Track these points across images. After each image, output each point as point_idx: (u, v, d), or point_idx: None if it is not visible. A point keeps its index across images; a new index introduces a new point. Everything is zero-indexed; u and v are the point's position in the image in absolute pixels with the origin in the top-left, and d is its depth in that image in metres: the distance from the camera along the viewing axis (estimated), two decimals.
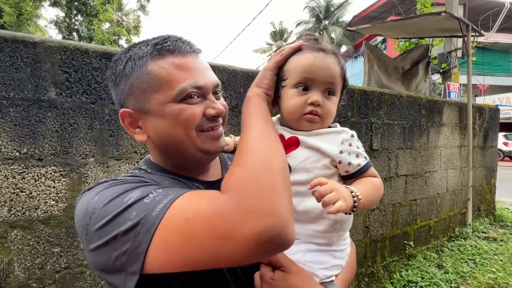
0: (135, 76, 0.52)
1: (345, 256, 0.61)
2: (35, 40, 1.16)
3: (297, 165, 0.57)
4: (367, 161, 0.59)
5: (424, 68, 4.04)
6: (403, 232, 2.74)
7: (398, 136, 2.64)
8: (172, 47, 0.52)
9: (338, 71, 0.58)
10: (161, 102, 0.51)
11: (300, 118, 0.58)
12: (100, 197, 0.45)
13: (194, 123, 0.52)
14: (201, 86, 0.52)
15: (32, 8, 10.49)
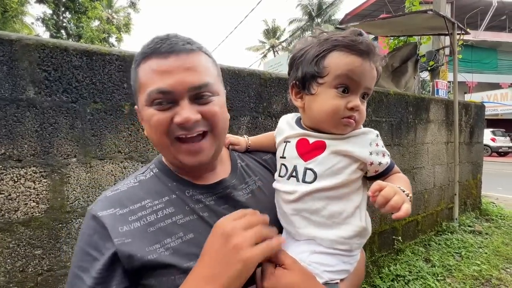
0: (132, 79, 0.57)
1: (354, 262, 0.57)
2: (11, 37, 1.13)
3: (324, 171, 0.54)
4: (391, 159, 0.58)
5: (413, 66, 4.10)
6: (392, 227, 2.79)
7: (386, 133, 2.67)
8: (151, 50, 0.52)
9: (376, 74, 0.55)
10: (141, 105, 0.54)
11: (337, 122, 0.54)
12: (76, 248, 0.53)
13: (162, 130, 0.52)
14: (167, 91, 0.50)
15: (17, 4, 10.21)
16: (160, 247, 0.50)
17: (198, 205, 0.56)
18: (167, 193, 0.56)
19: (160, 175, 0.59)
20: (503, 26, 16.22)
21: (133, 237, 0.50)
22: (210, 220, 0.55)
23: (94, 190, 1.31)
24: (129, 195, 0.55)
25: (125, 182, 0.59)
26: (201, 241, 0.50)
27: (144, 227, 0.52)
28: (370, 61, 0.52)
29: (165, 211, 0.54)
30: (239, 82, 1.74)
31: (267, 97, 1.86)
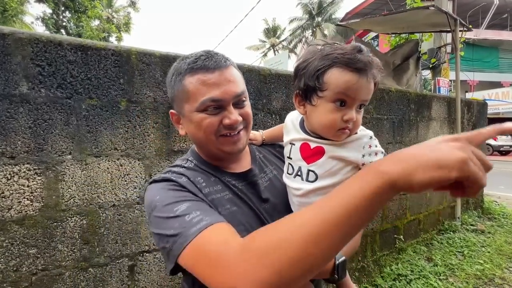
0: (176, 88, 0.66)
1: None
2: (3, 31, 1.10)
3: (323, 173, 0.63)
4: (384, 155, 0.63)
5: (415, 63, 4.07)
6: (393, 226, 2.76)
7: (387, 131, 2.64)
8: (199, 66, 0.63)
9: (373, 88, 0.59)
10: (189, 110, 0.65)
11: (333, 132, 0.61)
12: (161, 198, 0.59)
13: (212, 130, 0.64)
14: (218, 99, 0.62)
15: (17, 4, 10.18)
16: (221, 210, 0.62)
17: (234, 188, 0.69)
18: (212, 176, 0.69)
19: (199, 165, 0.71)
20: (505, 24, 16.12)
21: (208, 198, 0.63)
22: (248, 199, 0.68)
23: (89, 188, 1.29)
24: (187, 172, 0.67)
25: (170, 170, 0.69)
26: (241, 214, 0.65)
27: (205, 196, 0.63)
28: (367, 76, 0.57)
29: (215, 187, 0.67)
30: None
31: (266, 93, 1.82)
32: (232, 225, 0.57)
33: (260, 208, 0.68)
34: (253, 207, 0.67)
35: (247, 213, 0.66)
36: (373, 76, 0.58)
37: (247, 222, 0.64)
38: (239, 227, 0.59)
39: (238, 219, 0.63)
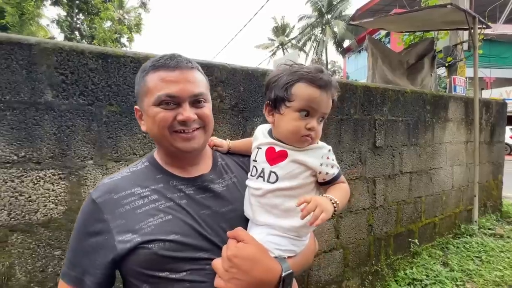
0: (140, 84, 0.71)
1: (301, 246, 0.72)
2: (30, 41, 1.14)
3: (284, 175, 0.69)
4: (339, 170, 0.72)
5: (430, 62, 3.96)
6: (408, 229, 2.71)
7: (402, 133, 2.59)
8: (161, 64, 0.67)
9: (331, 103, 0.69)
10: (147, 105, 0.68)
11: (298, 139, 0.68)
12: (73, 238, 0.70)
13: (165, 125, 0.66)
14: (174, 95, 0.66)
15: (33, 7, 10.50)
16: (144, 224, 0.64)
17: (179, 193, 0.70)
18: (153, 183, 0.70)
19: (149, 168, 0.74)
20: None
21: (126, 218, 0.65)
22: (186, 206, 0.69)
23: None
24: (122, 183, 0.70)
25: (120, 172, 0.74)
26: (176, 222, 0.66)
27: (132, 210, 0.66)
28: (327, 93, 0.67)
29: (150, 198, 0.68)
30: (253, 83, 1.71)
31: None
32: (163, 233, 0.64)
33: (200, 215, 0.68)
34: (192, 214, 0.68)
35: (183, 220, 0.67)
36: (331, 93, 0.68)
37: (180, 230, 0.65)
38: (171, 235, 0.64)
39: (169, 227, 0.65)
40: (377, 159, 2.41)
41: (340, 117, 2.14)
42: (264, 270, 0.62)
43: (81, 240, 0.66)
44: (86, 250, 0.65)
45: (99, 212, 0.65)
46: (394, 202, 2.57)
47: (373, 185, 2.40)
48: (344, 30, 24.09)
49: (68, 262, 0.68)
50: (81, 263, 0.65)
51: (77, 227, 0.68)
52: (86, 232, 0.66)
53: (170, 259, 0.63)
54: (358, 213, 2.30)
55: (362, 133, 2.29)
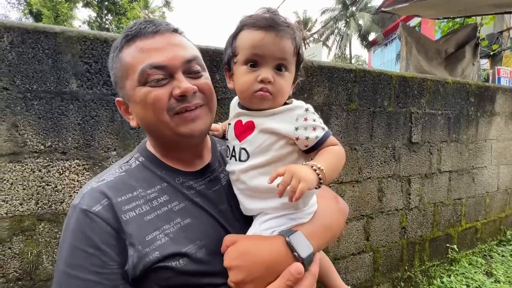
0: (114, 67, 0.56)
1: (306, 215, 0.59)
2: (55, 30, 1.13)
3: (254, 150, 0.57)
4: (325, 131, 0.57)
5: (472, 51, 3.59)
6: (445, 234, 2.47)
7: (441, 128, 2.35)
8: (135, 32, 0.53)
9: (289, 46, 0.55)
10: (132, 87, 0.53)
11: (251, 96, 0.56)
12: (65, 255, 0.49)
13: (162, 106, 0.52)
14: (162, 65, 0.51)
15: (67, 9, 11.14)
16: (160, 233, 0.51)
17: (190, 191, 0.58)
18: (158, 182, 0.57)
19: (147, 164, 0.59)
20: None
21: (132, 228, 0.50)
22: (203, 204, 0.57)
23: None
24: (118, 184, 0.54)
25: (109, 172, 0.57)
26: (197, 226, 0.54)
27: (140, 216, 0.52)
28: (276, 34, 0.53)
29: (159, 200, 0.55)
30: None
31: (308, 87, 1.70)
32: (186, 242, 0.51)
33: (218, 212, 0.58)
34: (211, 213, 0.57)
35: (204, 223, 0.56)
36: (284, 33, 0.54)
37: (204, 234, 0.54)
38: (195, 243, 0.52)
39: (193, 233, 0.53)
40: (413, 156, 2.21)
41: (372, 109, 1.97)
42: (264, 252, 0.51)
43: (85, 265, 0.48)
44: (97, 271, 0.47)
45: (99, 223, 0.49)
46: (430, 203, 2.35)
47: (408, 184, 2.20)
48: (370, 22, 22.97)
49: None
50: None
51: (71, 252, 0.48)
52: (88, 252, 0.48)
53: (199, 275, 0.51)
54: (390, 214, 2.12)
55: (397, 127, 2.10)
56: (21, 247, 1.11)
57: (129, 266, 0.49)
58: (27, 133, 1.11)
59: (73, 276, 0.47)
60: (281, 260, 0.51)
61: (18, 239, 1.11)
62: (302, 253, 0.51)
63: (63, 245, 0.50)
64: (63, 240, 0.50)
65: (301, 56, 0.59)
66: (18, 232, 1.11)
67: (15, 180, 1.10)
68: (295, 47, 0.56)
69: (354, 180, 1.92)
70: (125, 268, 0.49)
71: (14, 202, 1.10)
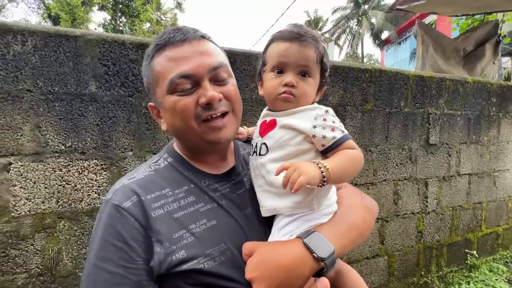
0: (146, 75, 0.59)
1: (323, 216, 0.60)
2: (76, 33, 1.16)
3: (273, 144, 0.60)
4: (343, 134, 0.59)
5: (492, 49, 3.44)
6: (464, 239, 2.38)
7: (461, 129, 2.26)
8: (164, 41, 0.55)
9: (312, 54, 0.60)
10: (161, 95, 0.56)
11: (276, 98, 0.62)
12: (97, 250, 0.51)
13: (189, 114, 0.54)
14: (189, 74, 0.54)
15: (83, 13, 11.50)
16: (186, 232, 0.53)
17: (216, 193, 0.60)
18: (185, 182, 0.59)
19: (175, 164, 0.61)
20: None
21: (160, 225, 0.52)
22: (228, 207, 0.59)
23: None
24: (147, 183, 0.56)
25: (139, 171, 0.59)
26: (222, 228, 0.56)
27: (167, 214, 0.54)
28: (300, 44, 0.59)
29: (187, 200, 0.56)
30: None
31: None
32: (211, 244, 0.53)
33: (241, 216, 0.59)
34: (235, 217, 0.58)
35: (229, 226, 0.57)
36: (307, 44, 0.60)
37: (228, 237, 0.55)
38: (220, 246, 0.54)
39: (218, 235, 0.55)
40: (430, 158, 2.14)
41: (388, 110, 1.92)
42: (283, 257, 0.51)
43: (114, 258, 0.50)
44: (124, 265, 0.49)
45: (128, 219, 0.51)
46: (448, 207, 2.27)
47: (425, 187, 2.13)
48: (383, 20, 22.48)
49: None
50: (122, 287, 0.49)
51: (101, 245, 0.51)
52: (117, 246, 0.50)
53: (222, 278, 0.52)
54: (406, 218, 2.06)
55: (413, 129, 2.04)
56: (42, 244, 1.15)
57: (155, 263, 0.50)
58: (49, 133, 1.14)
59: (101, 268, 0.49)
60: (301, 262, 0.50)
61: (40, 236, 1.15)
62: (322, 253, 0.50)
63: (95, 237, 0.52)
64: (95, 232, 0.52)
65: (325, 64, 0.64)
66: (40, 229, 1.15)
67: (37, 179, 1.14)
68: (318, 55, 0.61)
69: (369, 182, 1.88)
70: (150, 265, 0.50)
71: (36, 200, 1.14)
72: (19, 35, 1.08)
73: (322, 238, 0.53)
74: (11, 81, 1.08)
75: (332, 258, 0.51)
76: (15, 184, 1.11)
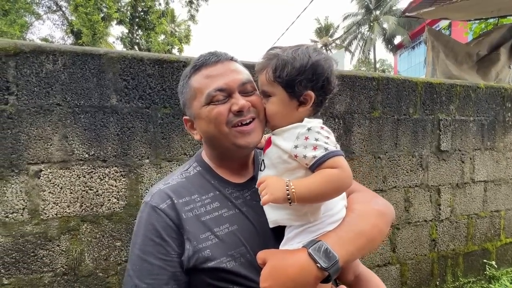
0: (184, 91, 0.69)
1: (327, 226, 0.61)
2: (99, 52, 1.28)
3: (268, 162, 0.64)
4: (326, 153, 0.57)
5: (508, 53, 3.36)
6: (482, 248, 2.30)
7: (474, 135, 2.23)
8: (201, 63, 0.67)
9: (261, 79, 0.65)
10: (198, 107, 0.66)
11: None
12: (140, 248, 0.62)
13: (222, 120, 0.63)
14: (223, 88, 0.64)
15: (103, 27, 12.14)
16: (211, 234, 0.61)
17: (238, 201, 0.67)
18: (212, 189, 0.67)
19: (203, 173, 0.70)
20: None
21: (189, 225, 0.62)
22: (248, 214, 0.66)
23: None
24: (179, 188, 0.66)
25: (173, 177, 0.70)
26: (243, 232, 0.63)
27: (196, 217, 0.63)
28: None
29: (212, 205, 0.65)
30: None
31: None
32: (233, 247, 0.61)
33: (260, 222, 0.65)
34: (254, 223, 0.65)
35: (248, 230, 0.64)
36: (259, 69, 0.64)
37: (248, 242, 0.63)
38: (241, 248, 0.61)
39: (238, 239, 0.63)
40: (442, 164, 2.11)
41: (396, 117, 1.93)
42: (291, 268, 0.55)
43: (154, 252, 0.60)
44: (162, 258, 0.60)
45: (164, 218, 0.61)
46: (463, 215, 2.21)
47: (437, 195, 2.10)
48: (395, 25, 22.27)
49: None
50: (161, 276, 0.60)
51: (143, 240, 0.61)
52: (156, 241, 0.60)
53: (240, 276, 0.60)
54: (418, 225, 2.04)
55: (424, 135, 2.03)
56: (67, 245, 1.25)
57: (185, 258, 0.60)
58: (75, 143, 1.25)
59: (144, 260, 0.60)
60: (307, 272, 0.54)
61: (65, 237, 1.24)
62: (325, 263, 0.53)
63: (137, 234, 0.63)
64: (138, 229, 0.63)
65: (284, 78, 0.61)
66: (65, 231, 1.24)
67: (64, 185, 1.24)
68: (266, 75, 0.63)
69: (378, 189, 1.88)
70: (181, 259, 0.61)
71: (62, 204, 1.24)
72: (51, 55, 1.21)
73: (327, 248, 0.55)
74: (43, 96, 1.20)
75: (335, 267, 0.54)
76: (44, 190, 1.21)
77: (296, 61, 0.61)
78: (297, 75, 0.60)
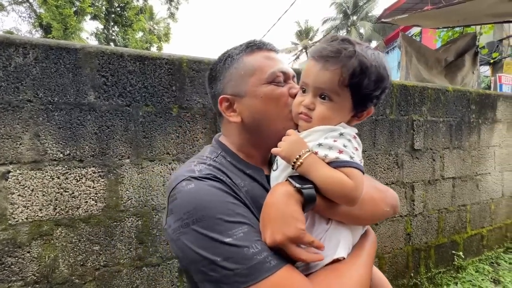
0: (234, 67, 0.65)
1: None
2: (76, 46, 1.21)
3: (282, 162, 0.61)
4: (349, 160, 0.52)
5: (471, 59, 3.65)
6: (451, 241, 2.47)
7: (443, 135, 2.39)
8: (259, 45, 0.67)
9: (328, 77, 0.54)
10: (256, 84, 0.63)
11: (296, 116, 0.62)
12: (212, 205, 0.50)
13: (285, 100, 0.63)
14: (285, 72, 0.66)
15: (76, 22, 11.48)
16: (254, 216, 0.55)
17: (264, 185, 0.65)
18: (246, 177, 0.63)
19: (234, 162, 0.65)
20: None
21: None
22: None
23: (144, 190, 1.35)
24: (218, 170, 0.59)
25: (199, 163, 0.60)
26: None
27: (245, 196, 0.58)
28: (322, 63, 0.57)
29: (250, 192, 0.61)
30: None
31: None
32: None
33: None
34: None
35: None
36: (332, 64, 0.53)
37: None
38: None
39: None
40: (416, 162, 2.24)
41: (374, 117, 2.02)
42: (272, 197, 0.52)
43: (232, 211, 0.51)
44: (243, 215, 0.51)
45: (225, 184, 0.55)
46: (435, 210, 2.36)
47: (411, 191, 2.23)
48: (371, 31, 23.28)
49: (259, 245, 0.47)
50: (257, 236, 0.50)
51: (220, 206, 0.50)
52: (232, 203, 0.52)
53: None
54: (394, 221, 2.14)
55: (399, 135, 2.14)
56: (39, 251, 1.16)
57: None
58: (48, 142, 1.18)
59: (233, 222, 0.49)
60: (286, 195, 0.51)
61: (37, 243, 1.16)
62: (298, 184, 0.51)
63: (207, 207, 0.50)
64: (203, 205, 0.50)
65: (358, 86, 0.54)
66: (37, 236, 1.16)
67: (35, 187, 1.16)
68: (340, 78, 0.53)
69: None
70: None
71: (34, 208, 1.16)
72: (21, 48, 1.13)
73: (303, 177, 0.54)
74: (12, 92, 1.12)
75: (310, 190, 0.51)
76: (13, 192, 1.13)
77: (374, 71, 0.54)
78: (373, 90, 0.54)
